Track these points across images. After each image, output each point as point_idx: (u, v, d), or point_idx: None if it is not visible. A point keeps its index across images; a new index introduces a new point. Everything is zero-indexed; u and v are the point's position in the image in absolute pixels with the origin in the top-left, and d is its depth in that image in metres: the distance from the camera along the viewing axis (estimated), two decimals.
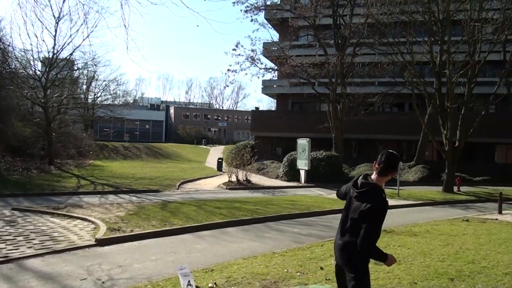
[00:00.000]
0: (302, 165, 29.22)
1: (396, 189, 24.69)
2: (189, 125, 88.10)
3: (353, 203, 4.43)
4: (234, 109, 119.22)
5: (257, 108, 54.65)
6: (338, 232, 4.63)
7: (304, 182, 29.05)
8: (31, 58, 33.81)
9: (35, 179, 25.11)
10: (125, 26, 13.89)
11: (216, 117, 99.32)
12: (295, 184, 28.98)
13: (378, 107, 40.61)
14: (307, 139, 29.32)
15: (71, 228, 12.65)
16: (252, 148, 36.47)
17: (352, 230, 4.36)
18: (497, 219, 16.30)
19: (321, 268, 8.36)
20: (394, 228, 13.41)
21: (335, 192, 5.20)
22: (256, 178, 29.82)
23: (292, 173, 30.29)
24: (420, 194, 25.01)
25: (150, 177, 29.02)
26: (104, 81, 48.19)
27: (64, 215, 14.55)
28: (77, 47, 34.34)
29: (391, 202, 20.92)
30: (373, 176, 4.52)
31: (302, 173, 29.34)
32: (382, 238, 11.57)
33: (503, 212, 18.23)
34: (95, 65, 38.87)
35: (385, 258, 4.37)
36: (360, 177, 4.53)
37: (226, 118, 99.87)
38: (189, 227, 13.07)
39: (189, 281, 6.90)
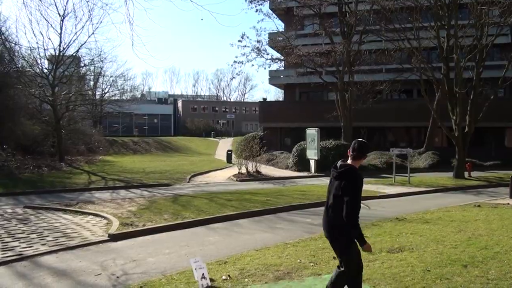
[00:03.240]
0: (312, 155, 29.19)
1: (406, 176, 24.62)
2: (197, 118, 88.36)
3: (334, 183, 5.32)
4: (242, 100, 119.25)
5: (264, 99, 54.19)
6: (324, 210, 5.50)
7: (314, 172, 29.01)
8: (38, 56, 34.05)
9: (46, 177, 25.28)
10: (129, 22, 14.02)
11: (224, 109, 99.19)
12: (305, 174, 28.94)
13: (386, 95, 40.40)
14: (316, 128, 29.25)
15: (84, 224, 12.74)
16: (261, 139, 36.51)
17: (335, 206, 5.23)
18: (508, 204, 16.23)
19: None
20: (406, 216, 13.38)
21: None
22: (266, 169, 29.83)
23: (301, 163, 30.26)
24: (431, 181, 24.90)
25: (160, 171, 29.11)
26: (111, 76, 48.43)
27: (77, 211, 14.65)
28: (83, 44, 34.38)
29: (402, 189, 21.05)
30: (349, 161, 5.41)
31: (312, 162, 29.30)
32: (395, 226, 11.57)
33: None
34: (102, 61, 38.92)
35: (363, 242, 5.14)
36: (339, 162, 5.45)
37: (234, 110, 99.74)
38: (201, 219, 13.13)
39: (203, 273, 6.94)
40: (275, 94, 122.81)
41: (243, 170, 27.62)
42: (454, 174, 27.03)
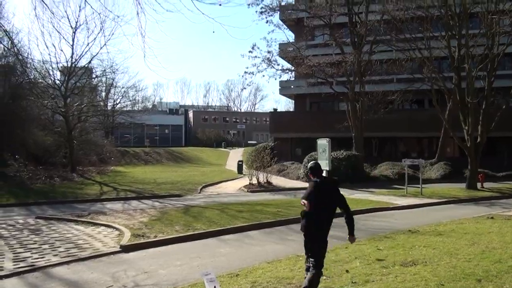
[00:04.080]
0: (323, 165, 28.83)
1: (419, 187, 24.44)
2: (208, 128, 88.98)
3: (330, 193, 6.89)
4: (252, 111, 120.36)
5: (275, 110, 54.25)
6: (313, 213, 6.69)
7: None
8: (50, 67, 34.38)
9: (58, 187, 25.44)
10: (141, 34, 14.05)
11: (234, 120, 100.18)
12: None
13: (398, 105, 40.30)
14: (327, 139, 28.92)
15: (96, 235, 12.78)
16: (272, 149, 36.41)
17: (330, 211, 6.90)
18: None
19: (347, 271, 8.30)
20: (419, 228, 13.26)
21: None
22: (277, 180, 29.70)
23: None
24: (443, 192, 24.69)
25: (171, 182, 29.17)
26: (122, 87, 48.53)
27: (88, 222, 14.71)
28: (94, 56, 34.80)
29: (414, 201, 20.92)
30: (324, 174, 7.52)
31: (323, 173, 29.12)
32: (408, 239, 11.47)
33: None
34: (113, 72, 39.28)
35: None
36: (315, 178, 6.99)
37: (244, 120, 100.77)
38: (212, 231, 13.12)
39: (214, 286, 6.90)
40: (285, 104, 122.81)
41: (254, 181, 27.55)
42: (466, 185, 26.77)
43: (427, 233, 12.40)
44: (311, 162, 7.20)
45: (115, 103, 51.45)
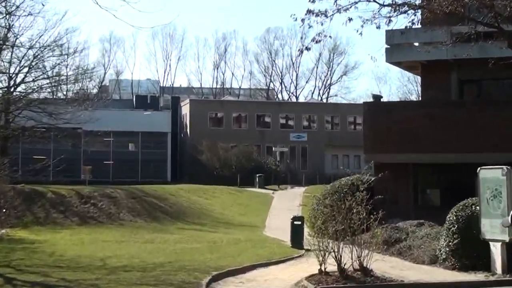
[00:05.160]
0: (495, 230, 13.06)
1: None
2: (224, 138, 48.27)
3: None
4: (321, 101, 69.01)
5: (376, 98, 29.67)
6: None
7: (504, 273, 12.80)
8: None
9: None
10: None
11: (283, 121, 54.07)
12: (479, 277, 13.33)
13: None
14: (504, 168, 13.16)
15: None
16: (370, 190, 18.41)
17: None
18: None
19: None
20: None
21: None
22: (383, 264, 14.47)
23: (468, 251, 13.81)
24: None
25: (142, 267, 14.22)
26: (31, 47, 26.80)
27: None
28: None
29: None
30: None
31: (497, 250, 13.09)
32: None
33: None
34: (8, 12, 19.10)
35: None
36: None
37: (306, 123, 55.05)
38: None
39: None
40: (399, 88, 74.24)
41: (332, 267, 13.34)
42: None
43: None
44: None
45: (12, 81, 29.12)
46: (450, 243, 14.29)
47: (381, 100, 28.04)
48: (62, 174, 34.79)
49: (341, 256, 12.82)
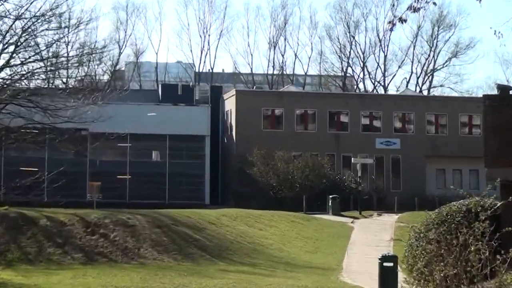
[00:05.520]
0: None
1: None
2: (283, 145, 37.70)
3: None
4: (420, 93, 55.62)
5: (503, 89, 17.58)
6: None
7: None
8: None
9: None
10: None
11: (366, 120, 43.22)
12: None
13: None
14: None
15: None
16: (495, 220, 13.62)
17: None
18: None
19: None
20: None
21: None
22: None
23: None
24: None
25: None
26: (19, 16, 21.19)
27: None
28: None
29: None
30: None
31: None
32: None
33: None
34: None
35: None
36: None
37: (399, 124, 43.74)
38: None
39: None
40: None
41: None
42: None
43: None
44: None
45: None
46: None
47: (510, 92, 21.69)
48: (61, 193, 26.94)
49: None
